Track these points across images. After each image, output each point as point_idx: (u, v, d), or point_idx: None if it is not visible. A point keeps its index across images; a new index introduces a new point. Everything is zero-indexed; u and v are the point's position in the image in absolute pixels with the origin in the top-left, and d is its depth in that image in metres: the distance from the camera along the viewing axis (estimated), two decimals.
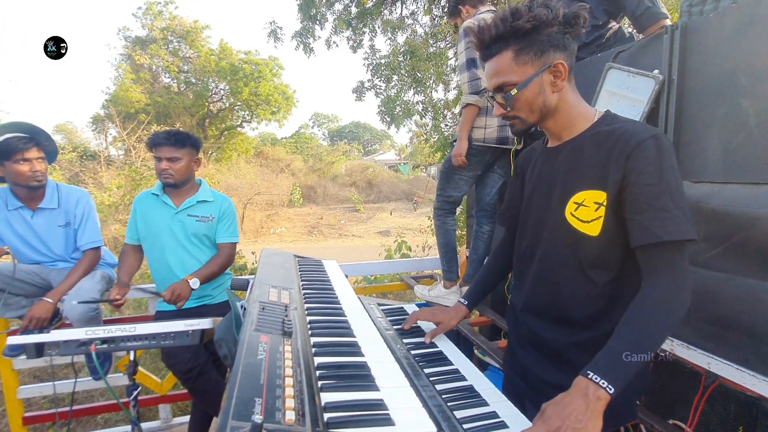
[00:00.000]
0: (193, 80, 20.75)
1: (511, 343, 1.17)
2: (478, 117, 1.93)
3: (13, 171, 1.82)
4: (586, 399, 0.71)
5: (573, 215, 0.92)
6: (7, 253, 1.84)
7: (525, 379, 1.08)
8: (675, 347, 1.34)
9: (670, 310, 0.78)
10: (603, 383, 0.72)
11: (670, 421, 1.41)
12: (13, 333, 2.03)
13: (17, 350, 1.94)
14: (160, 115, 17.98)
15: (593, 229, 0.89)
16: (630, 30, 2.25)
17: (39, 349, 1.26)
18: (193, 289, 1.84)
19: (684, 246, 0.81)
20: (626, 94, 1.48)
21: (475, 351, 2.23)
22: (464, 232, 3.79)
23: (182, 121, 18.52)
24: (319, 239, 16.72)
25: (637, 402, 1.10)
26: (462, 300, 1.26)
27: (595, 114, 0.96)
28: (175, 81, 20.69)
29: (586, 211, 0.90)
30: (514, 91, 0.91)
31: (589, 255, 0.92)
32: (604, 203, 0.87)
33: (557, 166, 0.98)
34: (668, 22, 1.63)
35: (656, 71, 1.41)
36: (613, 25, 2.06)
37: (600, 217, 0.88)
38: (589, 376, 0.73)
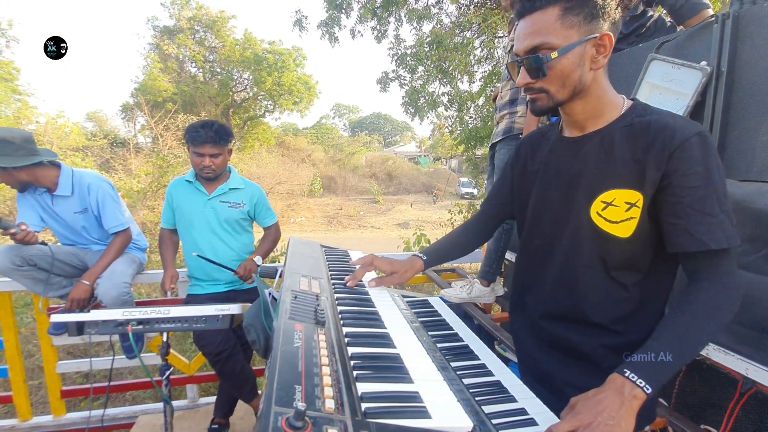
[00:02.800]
0: (218, 70, 21.11)
1: (526, 350, 1.09)
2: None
3: None
4: (621, 396, 0.68)
5: (600, 215, 0.86)
6: (42, 243, 1.91)
7: (546, 385, 1.01)
8: (711, 352, 1.29)
9: (716, 314, 0.75)
10: (640, 382, 0.69)
11: (702, 426, 1.37)
12: (53, 311, 2.14)
13: (61, 329, 2.04)
14: (186, 104, 18.38)
15: (623, 231, 0.83)
16: (670, 19, 2.15)
17: (80, 328, 1.32)
18: (258, 266, 2.03)
19: (731, 251, 0.77)
20: (669, 86, 1.41)
21: (496, 346, 2.22)
22: None
23: (207, 110, 18.89)
24: (338, 230, 16.87)
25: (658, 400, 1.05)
26: (421, 255, 1.20)
27: (624, 103, 0.87)
28: (201, 70, 21.10)
29: (616, 211, 0.84)
30: (554, 54, 0.79)
31: (616, 257, 0.86)
32: (638, 204, 0.81)
33: (581, 159, 0.89)
34: (710, 12, 1.54)
35: (704, 63, 1.34)
36: (653, 13, 1.96)
37: (632, 218, 0.82)
38: (626, 374, 0.71)
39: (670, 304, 0.91)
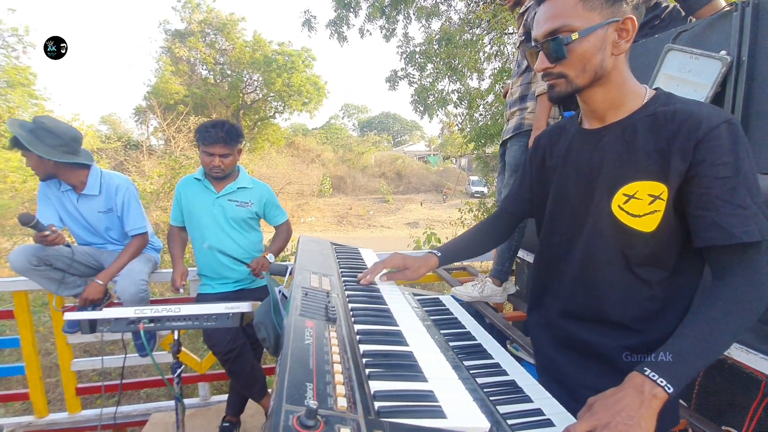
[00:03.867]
0: (228, 72, 21.30)
1: (543, 351, 1.07)
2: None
3: None
4: (641, 396, 0.65)
5: (621, 208, 0.82)
6: (66, 245, 1.93)
7: (563, 386, 0.98)
8: (733, 351, 1.25)
9: (744, 312, 0.71)
10: (661, 381, 0.66)
11: (723, 428, 1.32)
12: (68, 310, 2.17)
13: (75, 327, 2.07)
14: (198, 106, 18.59)
15: (646, 225, 0.80)
16: None
17: (92, 326, 1.33)
18: (270, 263, 2.05)
19: (763, 246, 0.73)
20: (687, 77, 1.37)
21: (509, 345, 2.19)
22: None
23: (218, 112, 19.10)
24: (348, 229, 16.91)
25: (681, 402, 1.01)
26: (435, 252, 1.18)
27: (646, 92, 0.84)
28: (212, 73, 21.33)
29: (638, 204, 0.80)
30: (574, 35, 0.77)
31: (639, 253, 0.83)
32: (663, 196, 0.78)
33: (601, 151, 0.86)
34: (722, 2, 1.49)
35: (723, 52, 1.29)
36: (668, 4, 1.91)
37: (656, 211, 0.79)
38: (646, 373, 0.68)
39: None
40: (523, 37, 1.96)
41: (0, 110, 10.79)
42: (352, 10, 7.11)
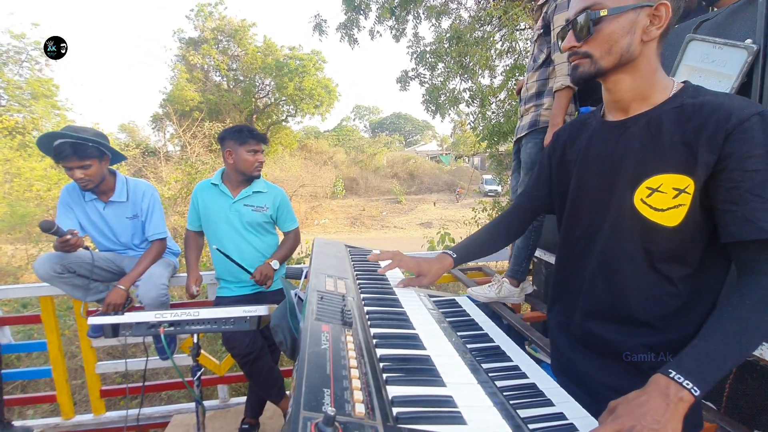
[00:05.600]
0: (241, 77, 21.61)
1: (561, 351, 1.04)
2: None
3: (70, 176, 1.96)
4: (666, 399, 0.63)
5: (644, 202, 0.80)
6: (85, 247, 1.98)
7: (582, 386, 0.95)
8: (765, 351, 1.20)
9: None
10: (687, 384, 0.64)
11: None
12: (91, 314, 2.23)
13: (98, 332, 2.13)
14: (212, 111, 18.91)
15: (670, 219, 0.77)
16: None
17: (115, 330, 1.36)
18: (275, 270, 2.07)
19: None
20: (711, 68, 1.32)
21: (527, 347, 2.15)
22: None
23: (232, 117, 19.40)
24: (362, 230, 16.94)
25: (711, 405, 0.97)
26: (450, 252, 1.17)
27: (674, 85, 0.82)
28: (225, 79, 21.67)
29: (662, 198, 0.78)
30: (603, 12, 0.77)
31: (662, 248, 0.80)
32: (688, 190, 0.75)
33: (624, 143, 0.84)
34: None
35: (749, 41, 1.25)
36: None
37: (681, 205, 0.76)
38: (671, 375, 0.65)
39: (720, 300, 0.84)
40: (542, 30, 1.90)
41: (25, 121, 11.19)
42: (362, 12, 7.13)
